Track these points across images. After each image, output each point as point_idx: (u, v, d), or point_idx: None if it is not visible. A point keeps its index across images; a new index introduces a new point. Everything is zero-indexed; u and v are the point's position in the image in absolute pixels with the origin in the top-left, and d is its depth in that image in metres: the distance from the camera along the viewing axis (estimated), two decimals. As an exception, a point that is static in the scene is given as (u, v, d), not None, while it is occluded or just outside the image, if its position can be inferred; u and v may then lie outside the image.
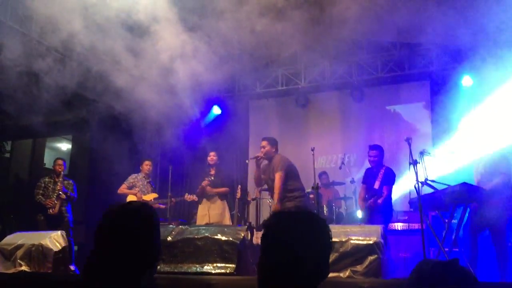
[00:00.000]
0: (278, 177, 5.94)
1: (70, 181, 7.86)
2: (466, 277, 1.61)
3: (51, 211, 7.40)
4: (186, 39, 7.02)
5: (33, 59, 7.10)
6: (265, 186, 6.74)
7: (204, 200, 7.39)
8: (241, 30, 7.00)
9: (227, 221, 7.32)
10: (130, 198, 7.65)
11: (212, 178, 7.42)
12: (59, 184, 7.57)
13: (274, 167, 6.05)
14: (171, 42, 6.99)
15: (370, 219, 6.35)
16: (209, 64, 7.29)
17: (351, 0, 6.66)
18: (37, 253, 5.32)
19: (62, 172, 7.70)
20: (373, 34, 8.91)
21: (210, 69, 7.44)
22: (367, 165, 6.98)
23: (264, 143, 6.22)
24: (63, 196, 7.53)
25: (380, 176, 6.45)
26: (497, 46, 7.15)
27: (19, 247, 5.43)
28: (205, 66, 7.31)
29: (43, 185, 7.62)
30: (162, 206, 7.73)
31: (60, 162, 7.80)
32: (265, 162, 6.30)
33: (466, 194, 5.01)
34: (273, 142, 6.25)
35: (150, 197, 7.75)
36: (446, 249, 5.13)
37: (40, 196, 7.51)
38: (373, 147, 6.69)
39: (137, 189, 7.72)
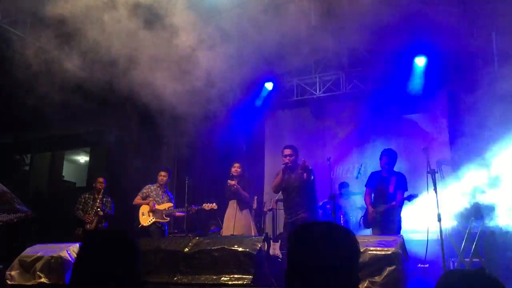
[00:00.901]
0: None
1: (109, 199, 8.06)
2: (496, 285, 1.56)
3: (88, 226, 7.63)
4: (203, 46, 7.06)
5: (51, 73, 7.21)
6: (281, 196, 6.72)
7: (230, 211, 7.23)
8: (257, 38, 7.03)
9: (253, 232, 7.12)
10: (144, 208, 7.69)
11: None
12: (98, 201, 7.83)
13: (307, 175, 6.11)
14: (189, 52, 7.04)
15: (383, 224, 6.29)
16: (225, 73, 7.32)
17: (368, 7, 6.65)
18: (56, 265, 5.36)
19: (102, 190, 7.94)
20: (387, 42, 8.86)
21: (226, 78, 7.47)
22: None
23: (289, 151, 6.26)
24: (101, 213, 7.76)
25: (393, 181, 6.35)
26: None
27: (38, 259, 5.48)
28: (222, 75, 7.34)
29: (83, 200, 7.94)
30: (181, 214, 7.72)
31: (100, 180, 8.05)
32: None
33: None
34: (297, 151, 6.35)
35: (164, 206, 7.75)
36: (466, 260, 5.04)
37: (80, 212, 7.82)
38: (388, 152, 6.54)
39: (150, 199, 7.75)
